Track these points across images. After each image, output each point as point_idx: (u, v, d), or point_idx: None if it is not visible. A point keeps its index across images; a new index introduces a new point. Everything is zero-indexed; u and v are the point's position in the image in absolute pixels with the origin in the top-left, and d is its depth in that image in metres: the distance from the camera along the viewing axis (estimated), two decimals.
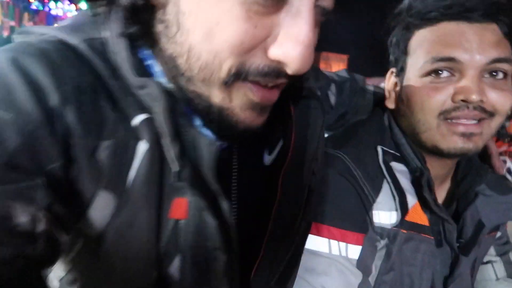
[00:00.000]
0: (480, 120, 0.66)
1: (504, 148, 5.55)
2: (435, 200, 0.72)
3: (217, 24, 0.39)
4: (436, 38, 0.68)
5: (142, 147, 0.43)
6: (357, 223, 0.69)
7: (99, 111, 0.42)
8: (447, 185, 0.82)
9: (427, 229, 0.72)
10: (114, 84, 0.43)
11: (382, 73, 0.84)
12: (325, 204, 0.68)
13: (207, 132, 0.48)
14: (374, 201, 0.69)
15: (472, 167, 0.80)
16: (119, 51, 0.44)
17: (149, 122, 0.43)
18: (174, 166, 0.44)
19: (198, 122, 0.48)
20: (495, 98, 0.66)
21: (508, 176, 5.68)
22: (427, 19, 0.70)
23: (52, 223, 0.38)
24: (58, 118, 0.39)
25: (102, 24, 0.45)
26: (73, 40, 0.44)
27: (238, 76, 0.41)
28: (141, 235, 0.44)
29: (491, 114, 0.67)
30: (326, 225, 0.68)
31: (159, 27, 0.43)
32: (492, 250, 0.89)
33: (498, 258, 0.89)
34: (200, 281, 0.48)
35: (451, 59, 0.66)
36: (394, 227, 0.70)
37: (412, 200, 0.70)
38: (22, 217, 0.35)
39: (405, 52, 0.74)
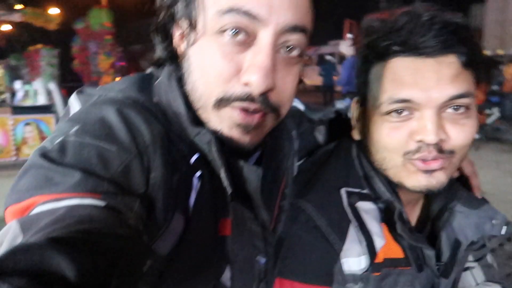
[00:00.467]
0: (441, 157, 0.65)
1: None
2: (410, 231, 0.70)
3: (206, 64, 0.55)
4: (391, 76, 0.65)
5: (195, 181, 0.55)
6: (321, 276, 0.67)
7: (171, 151, 0.54)
8: (419, 206, 0.80)
9: (403, 261, 0.70)
10: (174, 132, 0.56)
11: None
12: (288, 259, 0.70)
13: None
14: (341, 249, 0.67)
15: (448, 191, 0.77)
16: (178, 106, 0.58)
17: (201, 159, 0.56)
18: (228, 189, 0.56)
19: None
20: (455, 135, 0.64)
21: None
22: (380, 53, 0.67)
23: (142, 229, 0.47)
24: (148, 154, 0.51)
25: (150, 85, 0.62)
26: (139, 96, 0.58)
27: (223, 101, 0.55)
28: (203, 250, 0.55)
29: (451, 152, 0.65)
30: (289, 280, 0.68)
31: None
32: (469, 257, 0.86)
33: (475, 264, 0.88)
34: (247, 284, 0.61)
35: (407, 101, 0.63)
36: (365, 271, 0.67)
37: (380, 241, 0.68)
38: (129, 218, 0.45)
39: (365, 84, 0.72)
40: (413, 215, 0.79)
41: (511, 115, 5.39)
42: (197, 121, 0.57)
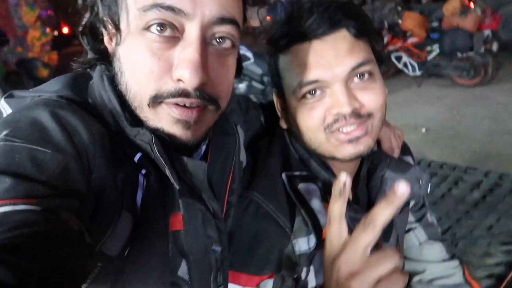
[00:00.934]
0: (361, 123, 0.69)
1: (399, 44, 6.00)
2: (349, 204, 0.71)
3: (136, 63, 0.54)
4: (296, 62, 0.70)
5: (141, 178, 0.55)
6: (270, 265, 0.70)
7: (113, 150, 0.53)
8: (354, 179, 0.84)
9: None
10: (114, 131, 0.56)
11: None
12: (239, 251, 0.71)
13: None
14: (291, 231, 0.70)
15: (374, 156, 0.82)
16: (114, 106, 0.56)
17: (144, 158, 0.55)
18: (176, 185, 0.55)
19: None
20: (367, 99, 0.69)
21: (405, 69, 6.18)
22: (280, 46, 0.72)
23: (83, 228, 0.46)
24: (87, 154, 0.50)
25: (84, 82, 0.60)
26: (74, 96, 0.57)
27: (157, 98, 0.54)
28: (155, 247, 0.55)
29: (369, 115, 0.70)
30: (238, 272, 0.70)
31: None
32: (411, 217, 0.93)
33: (417, 224, 0.96)
34: (204, 275, 0.62)
35: (315, 81, 0.68)
36: (314, 249, 0.71)
37: (324, 219, 0.71)
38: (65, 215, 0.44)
39: (277, 75, 0.75)
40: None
41: (449, 50, 5.60)
42: (136, 121, 0.57)
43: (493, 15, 5.52)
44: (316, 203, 0.72)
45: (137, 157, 0.55)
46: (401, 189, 0.48)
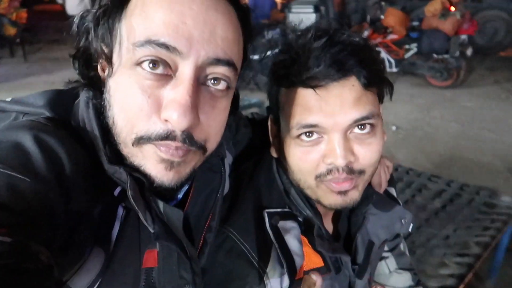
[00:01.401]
0: (352, 178, 0.67)
1: (379, 39, 6.06)
2: (328, 242, 0.73)
3: (125, 99, 0.52)
4: (298, 102, 0.66)
5: (120, 210, 0.54)
6: None
7: (95, 181, 0.52)
8: (336, 212, 0.84)
9: (323, 268, 0.74)
10: (95, 160, 0.53)
11: None
12: (218, 285, 0.70)
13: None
14: (264, 272, 0.68)
15: None
16: (96, 138, 0.54)
17: (124, 193, 0.53)
18: (151, 229, 0.54)
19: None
20: (363, 155, 0.66)
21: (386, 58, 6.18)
22: (285, 84, 0.69)
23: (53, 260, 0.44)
24: (67, 185, 0.48)
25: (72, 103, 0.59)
26: (58, 118, 0.56)
27: (143, 138, 0.52)
28: (126, 284, 0.54)
29: (361, 172, 0.68)
30: None
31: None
32: (385, 247, 0.94)
33: (389, 254, 0.96)
34: None
35: (314, 126, 0.65)
36: None
37: (299, 260, 0.71)
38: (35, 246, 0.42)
39: (277, 105, 0.73)
40: (329, 223, 0.84)
41: (426, 50, 5.71)
42: (116, 155, 0.55)
43: (471, 21, 5.64)
44: (293, 243, 0.71)
45: (117, 191, 0.54)
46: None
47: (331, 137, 0.65)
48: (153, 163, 0.53)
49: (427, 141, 4.27)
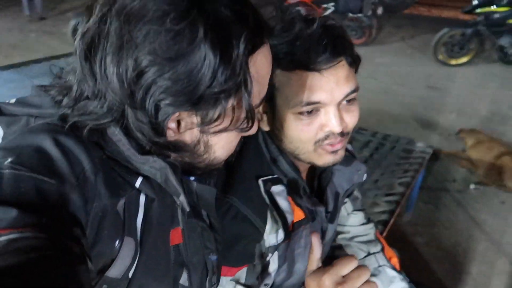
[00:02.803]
0: (342, 139, 0.82)
1: None
2: (309, 199, 0.89)
3: (231, 143, 0.65)
4: (300, 82, 0.76)
5: (142, 199, 0.58)
6: (246, 258, 0.83)
7: (115, 177, 0.55)
8: (309, 170, 0.98)
9: (304, 220, 0.88)
10: (112, 156, 0.56)
11: None
12: (225, 247, 0.79)
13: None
14: (264, 230, 0.82)
15: None
16: (120, 139, 0.56)
17: (145, 182, 0.58)
18: (186, 208, 0.61)
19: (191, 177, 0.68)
20: (349, 120, 0.81)
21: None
22: (284, 65, 0.77)
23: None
24: (89, 184, 0.51)
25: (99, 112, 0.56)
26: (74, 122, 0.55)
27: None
28: (159, 264, 0.61)
29: (347, 133, 0.83)
30: (224, 266, 0.80)
31: (183, 147, 0.60)
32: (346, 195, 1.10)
33: (347, 199, 1.12)
34: (202, 280, 0.70)
35: (317, 103, 0.77)
36: (282, 242, 0.84)
37: (290, 217, 0.85)
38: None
39: (271, 85, 0.78)
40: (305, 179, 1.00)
41: (343, 10, 6.06)
42: (143, 150, 0.57)
43: None
44: (284, 204, 0.84)
45: (137, 182, 0.57)
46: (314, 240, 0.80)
47: (328, 110, 0.78)
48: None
49: None
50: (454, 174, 3.32)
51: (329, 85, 0.76)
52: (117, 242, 0.54)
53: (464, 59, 5.83)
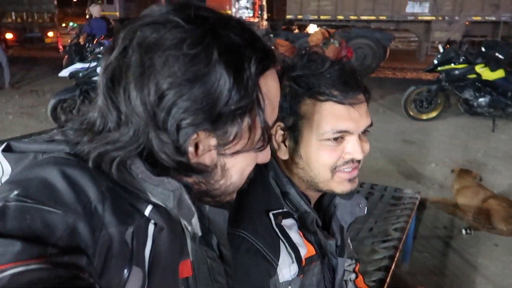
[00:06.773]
0: (357, 166, 0.89)
1: None
2: (322, 233, 0.91)
3: (246, 167, 0.65)
4: (330, 111, 0.83)
5: (151, 228, 0.56)
6: None
7: (123, 205, 0.54)
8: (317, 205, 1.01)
9: (316, 256, 0.89)
10: (119, 185, 0.56)
11: None
12: (237, 282, 0.76)
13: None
14: (277, 264, 0.81)
15: None
16: (137, 164, 0.55)
17: (155, 210, 0.56)
18: (198, 233, 0.59)
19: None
20: (364, 149, 0.88)
21: None
22: (314, 94, 0.83)
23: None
24: (96, 213, 0.50)
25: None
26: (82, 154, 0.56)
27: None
28: None
29: (360, 161, 0.88)
30: None
31: (200, 173, 0.60)
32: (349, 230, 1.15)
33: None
34: None
35: (345, 131, 0.83)
36: (296, 276, 0.83)
37: (303, 250, 0.85)
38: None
39: (296, 114, 0.85)
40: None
41: None
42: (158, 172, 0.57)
43: (348, 47, 6.50)
44: (296, 237, 0.85)
45: (147, 210, 0.56)
46: None
47: (351, 138, 0.85)
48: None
49: None
50: (443, 220, 3.31)
51: (356, 115, 0.84)
52: (125, 271, 0.52)
53: (433, 114, 6.15)
